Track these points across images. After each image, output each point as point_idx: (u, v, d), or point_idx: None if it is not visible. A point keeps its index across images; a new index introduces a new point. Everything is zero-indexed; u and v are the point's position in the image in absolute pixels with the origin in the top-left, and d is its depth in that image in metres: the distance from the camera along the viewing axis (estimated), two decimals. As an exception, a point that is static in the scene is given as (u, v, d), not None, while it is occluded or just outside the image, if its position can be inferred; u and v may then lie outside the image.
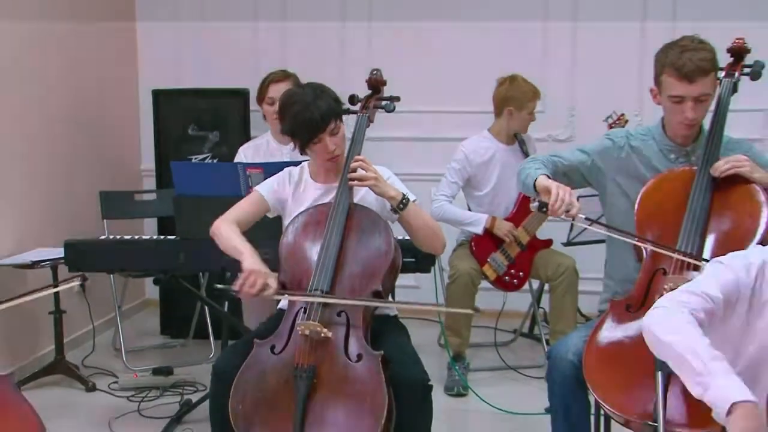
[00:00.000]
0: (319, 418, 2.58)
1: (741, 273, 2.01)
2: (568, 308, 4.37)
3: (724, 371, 1.83)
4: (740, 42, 2.98)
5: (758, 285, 2.02)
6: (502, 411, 3.95)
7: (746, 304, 2.01)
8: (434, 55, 5.36)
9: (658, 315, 1.96)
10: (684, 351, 1.87)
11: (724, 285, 2.00)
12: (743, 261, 2.04)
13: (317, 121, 2.86)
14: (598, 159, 2.99)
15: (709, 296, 1.98)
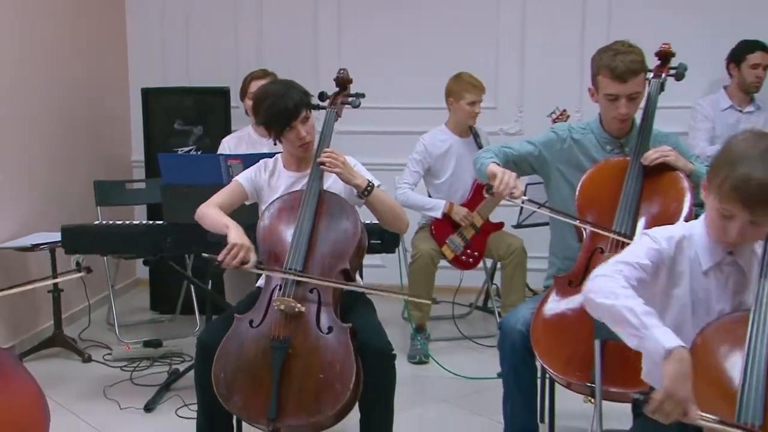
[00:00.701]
0: (294, 385, 2.58)
1: (664, 244, 2.03)
2: (517, 284, 4.39)
3: (657, 324, 1.84)
4: (666, 46, 3.01)
5: (677, 256, 2.03)
6: (460, 376, 3.97)
7: (666, 273, 2.03)
8: (396, 57, 5.34)
9: (597, 282, 1.96)
10: (621, 310, 1.87)
11: (650, 254, 2.01)
12: (667, 233, 2.06)
13: (291, 110, 2.86)
14: (544, 150, 3.01)
15: (639, 264, 1.99)
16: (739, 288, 2.01)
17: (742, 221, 1.88)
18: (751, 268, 2.00)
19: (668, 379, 1.77)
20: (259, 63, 5.03)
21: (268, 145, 3.86)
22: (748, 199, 1.84)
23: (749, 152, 1.87)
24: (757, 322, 1.90)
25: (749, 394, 1.83)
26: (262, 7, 5.51)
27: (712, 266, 2.01)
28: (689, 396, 1.77)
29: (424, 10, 5.34)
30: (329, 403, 2.56)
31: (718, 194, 1.91)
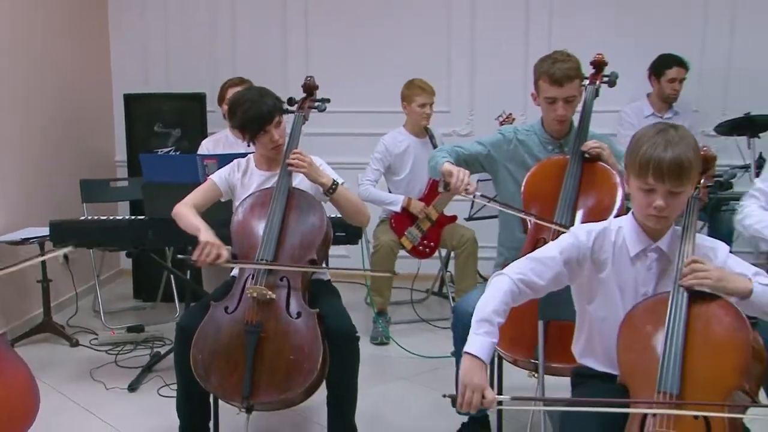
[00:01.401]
0: (266, 365, 2.58)
1: (581, 237, 2.07)
2: (469, 271, 4.42)
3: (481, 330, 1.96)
4: (600, 56, 3.04)
5: (597, 246, 2.07)
6: (418, 356, 3.98)
7: (589, 263, 2.07)
8: (359, 65, 5.33)
9: (494, 280, 2.06)
10: (479, 307, 2.00)
11: (563, 248, 2.06)
12: (587, 228, 2.11)
13: (265, 115, 2.85)
14: (492, 150, 3.03)
15: (549, 258, 2.05)
16: (664, 272, 2.04)
17: (661, 192, 1.93)
18: (675, 252, 2.03)
19: (462, 372, 1.92)
20: (233, 70, 4.99)
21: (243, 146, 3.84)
22: (657, 169, 1.91)
23: (650, 132, 1.96)
24: (676, 301, 1.93)
25: (668, 367, 1.86)
26: (236, 18, 5.46)
27: (639, 252, 2.04)
28: (482, 383, 1.89)
29: (384, 20, 5.34)
30: (298, 381, 2.56)
31: (634, 172, 1.96)
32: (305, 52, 5.40)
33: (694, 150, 1.95)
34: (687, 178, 1.93)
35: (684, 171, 1.91)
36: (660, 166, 1.90)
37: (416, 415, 3.34)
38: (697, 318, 1.91)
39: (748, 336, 1.86)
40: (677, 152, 1.90)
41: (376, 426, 3.20)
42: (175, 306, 4.71)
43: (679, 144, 1.91)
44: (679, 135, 1.94)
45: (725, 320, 1.89)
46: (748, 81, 5.01)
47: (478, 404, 1.89)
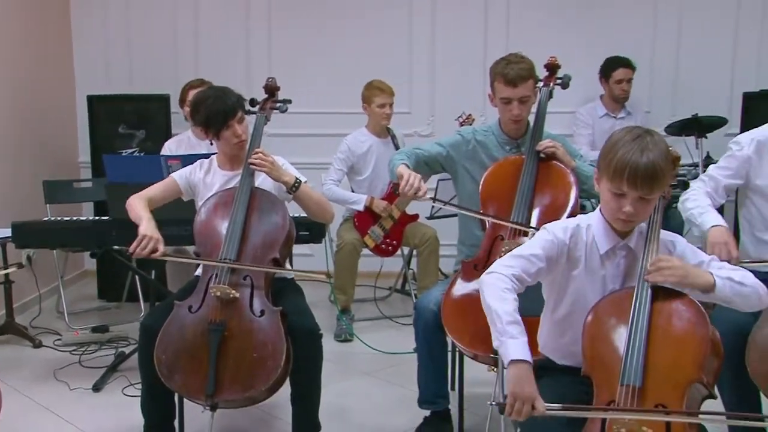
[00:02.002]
0: (230, 363, 2.55)
1: (559, 234, 2.07)
2: (431, 269, 4.43)
3: (515, 334, 1.88)
4: (553, 59, 3.07)
5: (572, 243, 2.08)
6: (381, 352, 3.98)
7: (565, 259, 2.07)
8: (321, 67, 5.31)
9: (488, 280, 1.99)
10: (494, 313, 1.92)
11: (544, 245, 2.05)
12: (562, 225, 2.11)
13: (228, 109, 2.82)
14: (452, 150, 3.03)
15: (532, 255, 2.03)
16: (630, 269, 2.06)
17: (632, 197, 1.94)
18: (640, 249, 2.05)
19: (511, 384, 1.84)
20: (196, 72, 4.93)
21: (206, 147, 3.81)
22: (631, 177, 1.91)
23: (626, 138, 1.96)
24: (640, 296, 1.96)
25: (631, 360, 1.88)
26: (199, 20, 5.40)
27: (608, 250, 2.06)
28: (532, 393, 1.82)
29: (346, 22, 5.32)
30: (262, 379, 2.54)
31: (608, 177, 1.97)
32: (268, 54, 5.36)
33: (667, 158, 1.96)
34: (658, 186, 1.95)
35: (657, 180, 1.93)
36: (635, 173, 1.90)
37: (379, 410, 3.33)
38: (660, 313, 1.94)
39: (707, 331, 1.89)
40: (652, 159, 1.91)
41: (340, 421, 3.19)
42: (140, 306, 4.64)
43: (654, 151, 1.92)
44: (654, 142, 1.94)
45: (686, 315, 1.92)
46: (696, 84, 5.12)
47: (527, 414, 1.83)
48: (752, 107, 4.77)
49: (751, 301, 1.98)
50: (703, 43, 5.15)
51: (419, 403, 2.96)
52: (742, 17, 5.13)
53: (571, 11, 5.21)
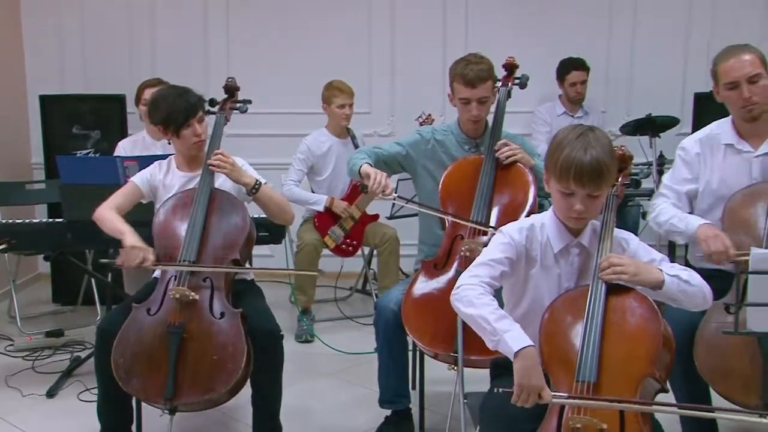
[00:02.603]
0: (189, 366, 2.54)
1: (515, 236, 2.10)
2: (392, 268, 4.44)
3: (508, 328, 1.91)
4: (511, 59, 3.11)
5: (528, 243, 2.11)
6: (342, 352, 3.98)
7: (523, 260, 2.11)
8: (281, 67, 5.29)
9: (459, 293, 2.01)
10: (477, 319, 1.94)
11: (503, 248, 2.08)
12: (517, 226, 2.14)
13: (188, 108, 2.80)
14: (411, 150, 3.05)
15: (493, 261, 2.06)
16: (584, 267, 2.10)
17: (580, 195, 1.98)
18: (594, 247, 2.09)
19: (518, 375, 1.86)
20: (152, 71, 4.87)
21: (162, 147, 3.77)
22: (577, 175, 1.95)
23: (570, 137, 2.00)
24: (594, 294, 2.00)
25: (586, 357, 1.92)
26: (155, 18, 5.33)
27: (562, 249, 2.10)
28: (539, 383, 1.86)
29: (306, 22, 5.31)
30: (222, 381, 2.53)
31: (555, 176, 2.01)
32: (226, 53, 5.32)
33: (611, 153, 2.01)
34: (605, 182, 2.00)
35: (602, 175, 1.97)
36: (580, 171, 1.94)
37: (341, 410, 3.34)
38: (614, 309, 1.98)
39: (659, 326, 1.94)
40: (596, 156, 1.95)
41: (301, 422, 3.19)
42: (97, 309, 4.56)
43: (596, 147, 1.96)
44: (597, 138, 1.98)
45: (639, 312, 1.97)
46: (649, 84, 5.23)
47: (534, 403, 1.87)
48: (703, 107, 4.88)
49: (696, 300, 2.04)
50: (656, 45, 5.27)
51: (380, 403, 2.98)
52: (693, 20, 5.27)
53: (529, 12, 5.28)
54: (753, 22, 5.16)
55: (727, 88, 2.62)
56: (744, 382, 2.34)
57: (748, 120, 2.65)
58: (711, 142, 2.74)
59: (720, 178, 2.70)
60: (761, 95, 2.60)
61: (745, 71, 2.57)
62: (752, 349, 2.33)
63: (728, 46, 2.67)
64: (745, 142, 2.69)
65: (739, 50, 2.61)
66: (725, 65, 2.61)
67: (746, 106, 2.61)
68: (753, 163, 2.67)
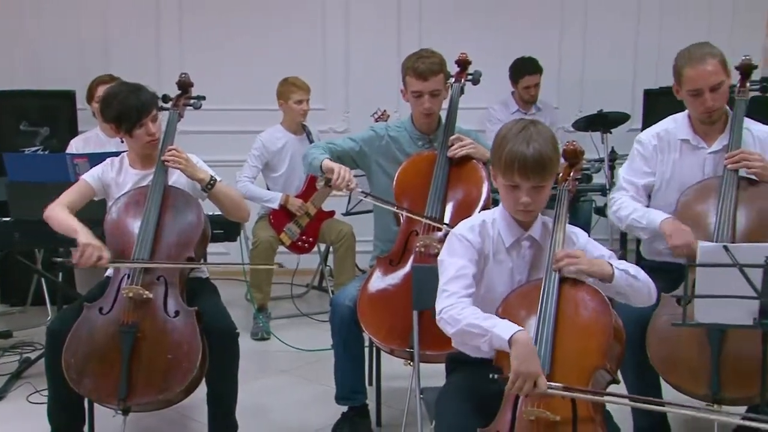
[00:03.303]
0: (143, 365, 2.50)
1: (469, 236, 2.12)
2: (348, 265, 4.43)
3: (495, 323, 1.92)
4: (464, 55, 3.12)
5: (482, 239, 2.13)
6: (298, 349, 3.96)
7: (482, 257, 2.13)
8: (234, 63, 5.23)
9: (444, 318, 2.01)
10: (467, 328, 1.95)
11: (463, 253, 2.10)
12: (467, 226, 2.16)
13: (141, 106, 2.75)
14: (365, 146, 3.05)
15: (461, 269, 2.07)
16: (536, 260, 2.13)
17: (525, 188, 2.01)
18: (545, 240, 2.12)
19: (516, 361, 1.85)
20: (104, 67, 4.74)
21: (116, 145, 3.70)
22: (521, 168, 1.99)
23: (512, 131, 2.04)
24: (547, 287, 2.03)
25: (540, 350, 1.94)
26: (107, 11, 5.23)
27: (513, 242, 2.12)
28: (537, 370, 1.84)
29: (260, 18, 5.26)
30: (177, 380, 2.50)
31: (500, 171, 2.04)
32: (179, 49, 5.25)
33: (553, 144, 2.05)
34: (549, 173, 2.03)
35: (546, 167, 2.01)
36: (524, 164, 1.98)
37: (298, 407, 3.33)
38: (567, 303, 2.01)
39: (610, 319, 1.98)
40: (538, 149, 1.99)
41: (257, 420, 3.16)
42: (47, 309, 4.46)
43: (538, 140, 2.00)
44: (538, 131, 2.03)
45: (591, 305, 2.00)
46: (601, 81, 5.31)
47: (529, 392, 1.85)
48: (652, 103, 4.99)
49: (642, 295, 2.09)
50: (606, 42, 5.36)
51: (337, 399, 2.97)
52: (642, 18, 5.37)
53: (483, 11, 5.32)
54: (701, 21, 5.27)
55: (690, 94, 2.67)
56: (693, 372, 2.40)
57: (707, 123, 2.72)
58: (667, 136, 2.80)
59: (675, 172, 2.76)
60: (721, 100, 2.67)
61: (709, 81, 2.61)
62: (701, 341, 2.40)
63: (692, 47, 2.68)
64: (699, 139, 2.75)
65: (703, 56, 2.62)
66: (690, 72, 2.63)
67: (707, 112, 2.67)
68: (707, 159, 2.73)
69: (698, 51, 2.65)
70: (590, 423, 1.86)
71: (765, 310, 2.03)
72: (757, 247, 2.10)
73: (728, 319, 2.10)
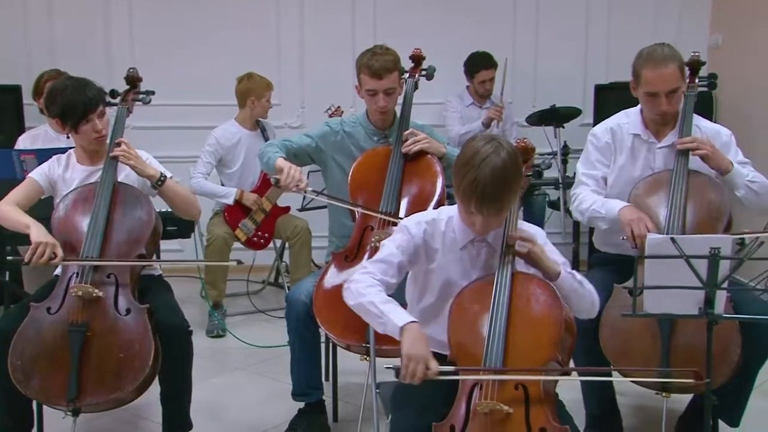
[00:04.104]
0: (93, 365, 2.45)
1: (413, 230, 2.13)
2: (304, 260, 4.41)
3: (393, 309, 1.97)
4: (418, 51, 3.12)
5: (428, 236, 2.14)
6: (254, 346, 3.93)
7: (423, 252, 2.14)
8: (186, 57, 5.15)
9: (350, 287, 2.07)
10: (366, 305, 1.99)
11: (399, 243, 2.12)
12: (415, 221, 2.17)
13: (87, 102, 2.69)
14: (320, 142, 3.03)
15: (390, 255, 2.09)
16: (489, 259, 2.14)
17: (482, 216, 2.01)
18: (499, 241, 2.13)
19: (405, 346, 1.91)
20: (51, 61, 4.65)
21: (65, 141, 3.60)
22: (479, 200, 1.96)
23: (476, 159, 1.97)
24: (500, 284, 2.04)
25: (493, 344, 1.97)
26: (54, 4, 5.10)
27: (467, 243, 2.13)
28: (425, 352, 1.90)
29: (211, 12, 5.19)
30: (129, 379, 2.46)
31: (459, 196, 2.04)
32: (130, 43, 5.14)
33: (517, 175, 2.01)
34: (507, 206, 2.02)
35: (504, 204, 2.00)
36: (482, 198, 1.94)
37: (254, 404, 3.30)
38: (519, 297, 2.03)
39: (561, 312, 2.00)
40: (501, 187, 1.95)
41: (213, 418, 3.13)
42: (-6, 309, 4.35)
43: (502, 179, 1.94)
44: (501, 158, 1.95)
45: (542, 298, 2.03)
46: (553, 76, 5.37)
47: (422, 375, 1.89)
48: (603, 98, 5.07)
49: (585, 303, 2.13)
50: (558, 38, 5.41)
51: (293, 396, 2.95)
52: (591, 15, 5.43)
53: (436, 6, 5.32)
54: (647, 18, 5.36)
55: (647, 95, 2.71)
56: (644, 362, 2.44)
57: (659, 123, 2.77)
58: (620, 131, 2.84)
59: (626, 166, 2.81)
60: (675, 105, 2.72)
61: (666, 86, 2.65)
62: (652, 330, 2.45)
63: (654, 47, 2.70)
64: (650, 134, 2.80)
65: (664, 60, 2.65)
66: (648, 74, 2.66)
67: (660, 114, 2.72)
68: (657, 154, 2.78)
69: (658, 53, 2.67)
70: (542, 414, 1.88)
71: (710, 299, 2.07)
72: (702, 239, 2.14)
73: (676, 309, 2.14)
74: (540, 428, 1.86)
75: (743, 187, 2.67)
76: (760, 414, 2.81)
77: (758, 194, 2.68)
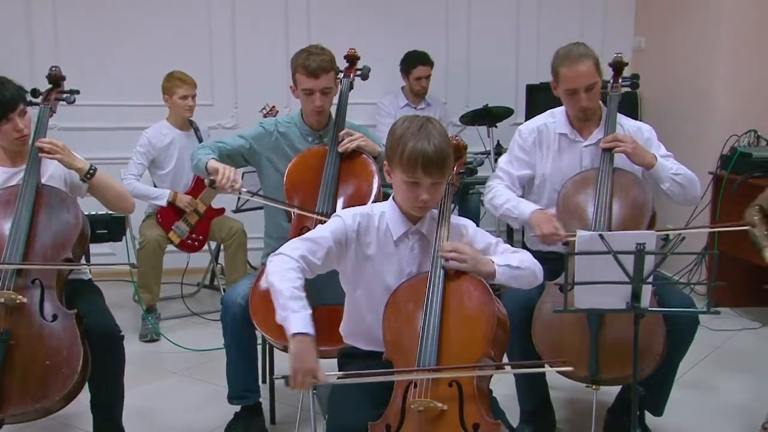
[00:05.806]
0: (17, 374, 2.36)
1: (347, 220, 2.13)
2: (239, 262, 4.36)
3: (296, 309, 1.93)
4: (353, 51, 3.12)
5: (362, 229, 2.14)
6: (189, 350, 3.85)
7: (354, 243, 2.13)
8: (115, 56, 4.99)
9: (274, 260, 2.04)
10: (277, 290, 1.96)
11: (333, 228, 2.11)
12: (351, 212, 2.17)
13: (5, 101, 2.59)
14: (254, 143, 2.99)
15: (320, 237, 2.08)
16: (425, 253, 2.14)
17: (426, 185, 2.03)
18: (432, 234, 2.14)
19: (292, 359, 1.90)
20: (-29, 60, 4.47)
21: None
22: (425, 165, 2.00)
23: (411, 129, 2.05)
24: (433, 281, 2.05)
25: (426, 342, 1.97)
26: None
27: (401, 236, 2.13)
28: (312, 366, 1.89)
29: (143, 11, 5.05)
30: (56, 387, 2.38)
31: (401, 168, 2.04)
32: (54, 40, 4.94)
33: (448, 140, 2.08)
34: (448, 169, 2.08)
35: (446, 163, 2.04)
36: (427, 161, 1.99)
37: (189, 409, 3.24)
38: (452, 294, 2.04)
39: (494, 308, 2.02)
40: (439, 146, 2.01)
41: (146, 424, 3.06)
42: None
43: (437, 137, 2.02)
44: (435, 128, 2.05)
45: (475, 295, 2.04)
46: (486, 76, 5.44)
47: (310, 385, 1.90)
48: (534, 98, 5.16)
49: (527, 280, 2.16)
50: (490, 39, 5.48)
51: (229, 399, 2.91)
52: (522, 16, 5.53)
53: (370, 6, 5.32)
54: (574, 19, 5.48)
55: (566, 92, 2.78)
56: (576, 356, 2.49)
57: (582, 120, 2.85)
58: (547, 131, 2.90)
59: (554, 165, 2.87)
60: (594, 100, 2.81)
61: (583, 82, 2.73)
62: (582, 326, 2.50)
63: (568, 47, 2.79)
64: (576, 132, 2.87)
65: (579, 57, 2.73)
66: (565, 72, 2.74)
67: (582, 110, 2.80)
68: (583, 152, 2.85)
69: (574, 52, 2.76)
70: (476, 410, 1.89)
71: (636, 293, 2.12)
72: (629, 235, 2.20)
73: (605, 304, 2.19)
74: (474, 424, 1.87)
75: (668, 180, 2.75)
76: (679, 404, 2.92)
77: (683, 186, 2.77)
